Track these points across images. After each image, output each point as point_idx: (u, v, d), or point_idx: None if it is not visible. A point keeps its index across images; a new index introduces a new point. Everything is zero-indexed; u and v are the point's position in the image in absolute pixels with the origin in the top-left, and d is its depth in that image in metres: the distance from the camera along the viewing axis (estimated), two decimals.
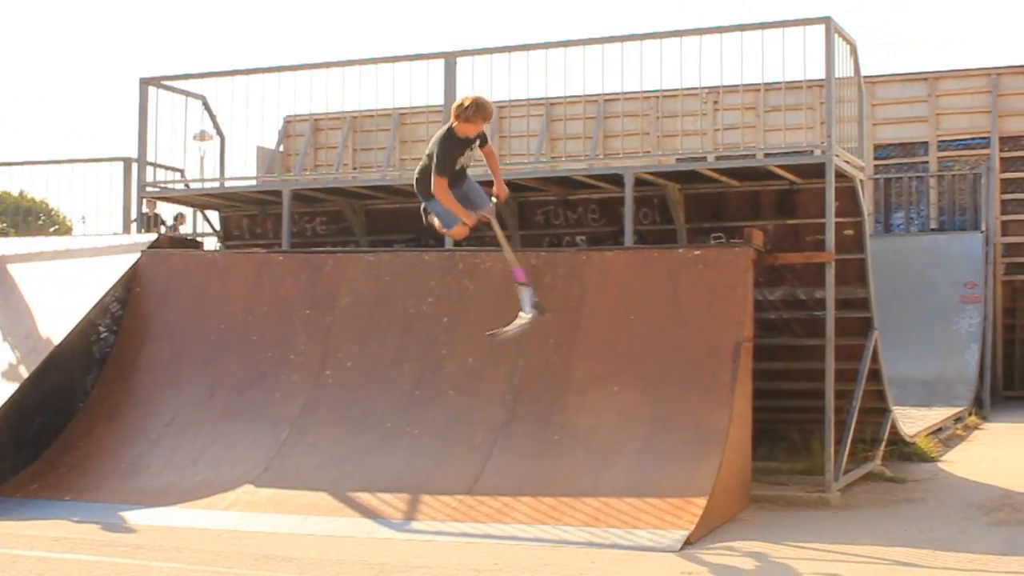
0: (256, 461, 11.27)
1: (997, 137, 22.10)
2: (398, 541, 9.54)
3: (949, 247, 21.32)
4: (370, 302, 12.21)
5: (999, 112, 22.12)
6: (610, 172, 13.06)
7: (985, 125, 22.25)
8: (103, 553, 8.92)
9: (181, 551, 9.02)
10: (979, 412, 18.92)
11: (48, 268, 13.96)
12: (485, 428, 10.96)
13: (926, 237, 21.97)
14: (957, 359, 20.04)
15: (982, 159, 22.18)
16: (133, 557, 8.79)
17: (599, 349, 11.19)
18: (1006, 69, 22.39)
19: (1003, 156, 22.11)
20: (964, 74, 22.74)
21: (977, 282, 20.72)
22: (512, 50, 12.94)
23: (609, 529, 9.54)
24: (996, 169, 21.98)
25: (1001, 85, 22.18)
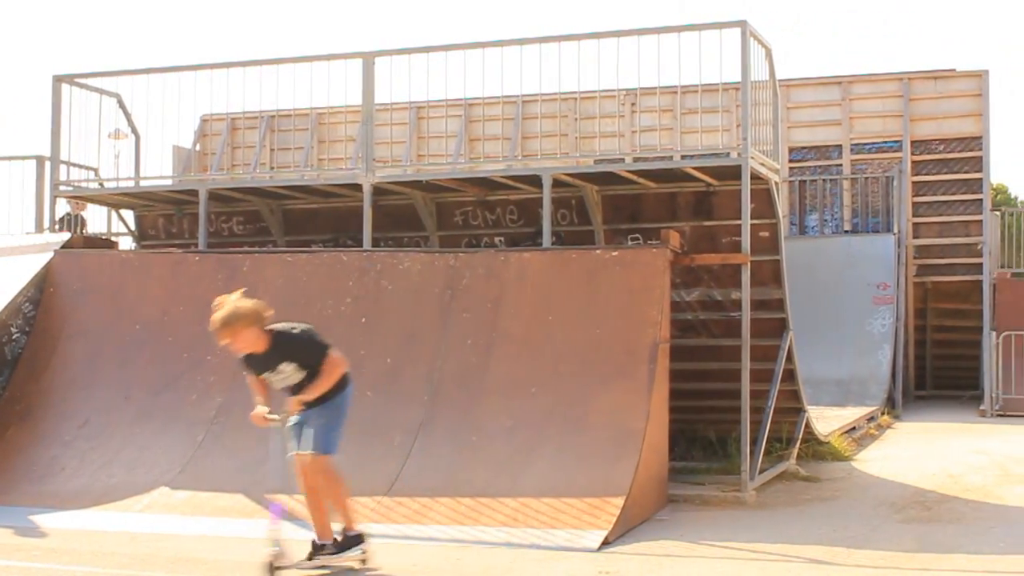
0: (172, 463, 11.17)
1: (909, 141, 22.43)
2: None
3: (862, 249, 21.62)
4: (287, 303, 12.11)
5: (911, 116, 22.45)
6: (528, 173, 13.10)
7: (897, 129, 22.57)
8: (16, 557, 8.80)
9: (96, 554, 8.93)
10: (891, 412, 19.19)
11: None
12: (403, 429, 10.95)
13: (840, 239, 22.25)
14: (870, 359, 20.32)
15: (894, 162, 22.50)
16: (47, 561, 8.68)
17: (517, 350, 11.21)
18: (917, 74, 22.73)
19: (915, 159, 22.44)
20: (876, 79, 23.04)
21: (890, 283, 21.03)
22: (431, 50, 12.93)
23: (527, 529, 9.57)
24: (908, 172, 22.31)
25: (912, 90, 22.52)
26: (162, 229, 15.44)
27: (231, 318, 8.38)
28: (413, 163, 14.74)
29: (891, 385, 20.08)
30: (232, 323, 8.37)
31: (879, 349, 20.43)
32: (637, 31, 12.03)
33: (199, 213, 13.80)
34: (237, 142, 16.41)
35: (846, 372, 20.06)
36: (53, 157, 14.56)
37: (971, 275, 22.11)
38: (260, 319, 8.53)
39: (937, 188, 22.39)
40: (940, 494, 11.68)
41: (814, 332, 19.28)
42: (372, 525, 9.85)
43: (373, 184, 12.98)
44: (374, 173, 13.04)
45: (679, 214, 12.77)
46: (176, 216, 15.27)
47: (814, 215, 22.91)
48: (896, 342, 20.65)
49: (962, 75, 22.52)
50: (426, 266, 11.86)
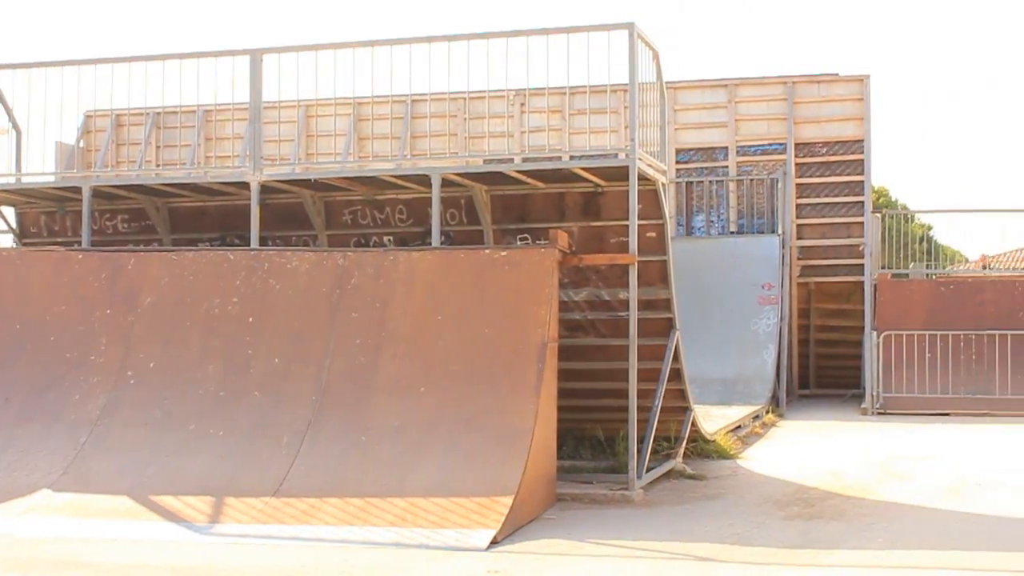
0: (54, 465, 10.98)
1: (793, 143, 22.80)
2: (202, 544, 9.40)
3: (747, 250, 21.93)
4: (173, 302, 12.01)
5: (795, 119, 22.82)
6: (417, 173, 13.09)
7: (782, 132, 22.93)
8: None
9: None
10: (776, 410, 19.48)
11: None
12: (291, 429, 10.89)
13: (726, 240, 22.55)
14: (755, 359, 20.62)
15: (779, 164, 22.86)
16: None
17: (406, 349, 11.21)
18: (801, 78, 23.12)
19: (798, 162, 22.82)
20: (762, 82, 23.39)
21: (774, 284, 21.36)
22: (319, 48, 12.86)
23: (416, 529, 9.57)
24: (792, 174, 22.68)
25: (796, 93, 22.89)
26: (44, 227, 15.16)
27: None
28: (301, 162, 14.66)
29: (776, 384, 20.40)
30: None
31: (764, 349, 20.73)
32: (526, 32, 12.08)
33: (83, 211, 13.57)
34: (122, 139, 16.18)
35: (732, 371, 20.33)
36: None
37: (853, 276, 22.56)
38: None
39: (820, 190, 22.79)
40: (823, 491, 11.89)
41: (700, 332, 19.53)
42: (259, 526, 9.79)
43: (261, 182, 12.87)
44: (262, 171, 12.94)
45: (567, 214, 12.85)
46: (59, 214, 15.00)
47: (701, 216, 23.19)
48: (780, 342, 20.98)
49: (844, 79, 22.96)
50: (314, 265, 11.80)
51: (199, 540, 9.56)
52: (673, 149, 22.70)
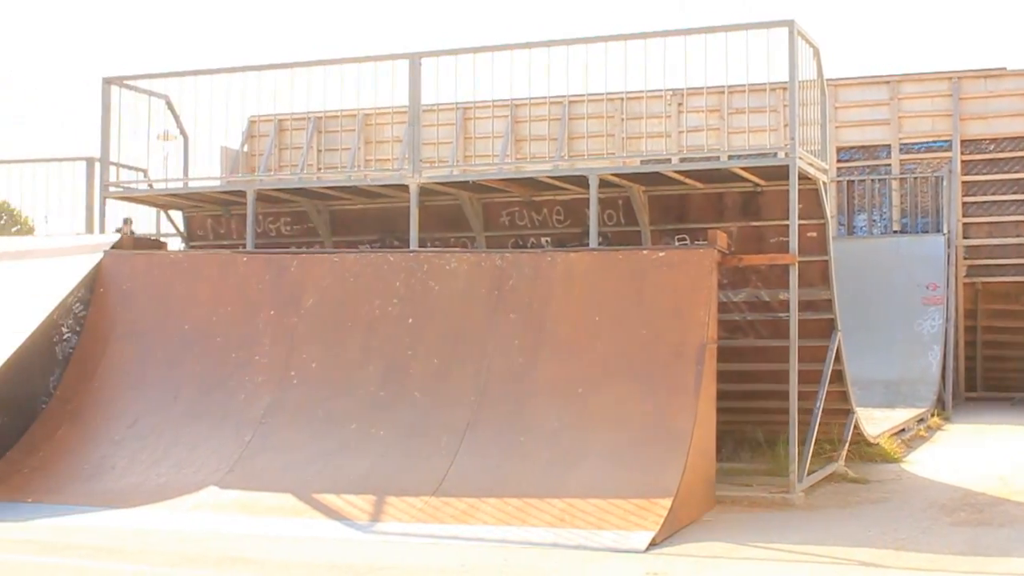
0: (220, 463, 11.23)
1: (959, 140, 22.26)
2: (364, 543, 9.53)
3: (911, 249, 21.46)
4: (335, 303, 12.18)
5: (960, 116, 22.27)
6: (575, 174, 13.08)
7: (947, 128, 22.40)
8: (66, 555, 8.88)
9: (144, 553, 8.98)
10: (941, 413, 19.03)
11: (10, 268, 13.86)
12: (450, 429, 10.96)
13: (889, 239, 22.10)
14: (920, 360, 20.16)
15: (944, 162, 22.33)
16: (97, 559, 8.75)
17: (564, 351, 11.20)
18: (967, 73, 22.56)
19: (964, 159, 22.27)
20: (925, 78, 22.88)
21: (939, 284, 20.86)
22: (477, 51, 12.94)
23: (574, 530, 9.56)
24: (958, 172, 22.14)
25: (962, 89, 22.34)
26: (210, 230, 15.52)
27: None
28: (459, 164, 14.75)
29: (941, 386, 19.92)
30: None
31: (929, 350, 20.27)
32: (684, 31, 12.00)
33: (247, 214, 13.86)
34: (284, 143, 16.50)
35: (895, 373, 19.91)
36: (103, 158, 14.67)
37: (1022, 276, 21.92)
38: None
39: (988, 188, 22.21)
40: (991, 496, 11.57)
41: (863, 333, 19.16)
42: (419, 525, 9.88)
43: (420, 184, 13.00)
44: (421, 174, 13.06)
45: (726, 214, 12.72)
46: (224, 217, 15.34)
47: (863, 215, 22.78)
48: (946, 343, 20.49)
49: (1013, 74, 22.32)
50: (473, 267, 11.87)
51: (360, 538, 9.69)
52: (834, 147, 22.33)
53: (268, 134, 20.58)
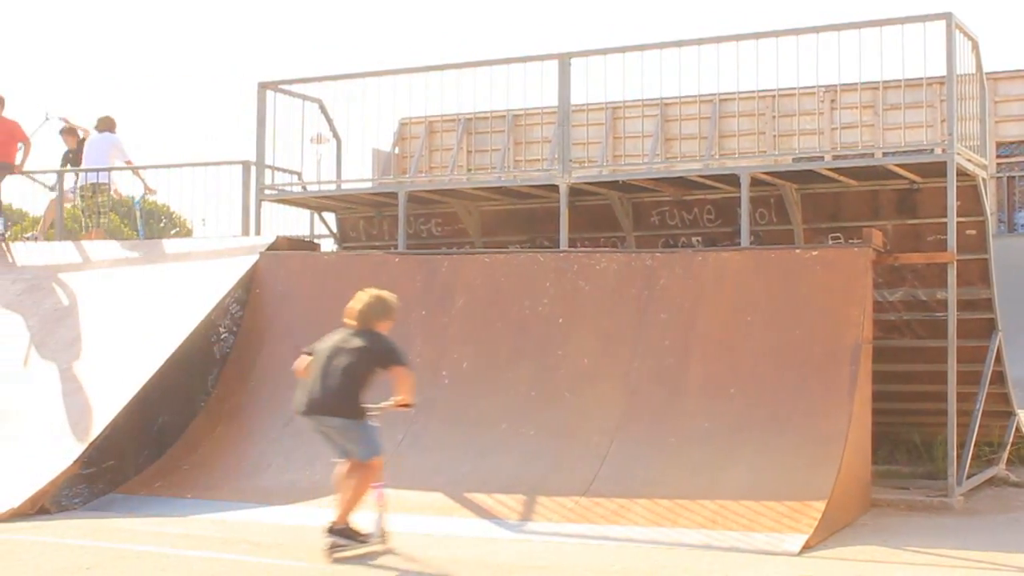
0: None
1: None
2: (515, 542, 9.56)
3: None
4: (486, 303, 12.24)
5: None
6: (726, 172, 12.97)
7: None
8: (225, 550, 9.06)
9: (300, 549, 9.13)
10: None
11: (170, 270, 14.21)
12: (600, 430, 10.94)
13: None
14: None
15: None
16: (255, 555, 8.91)
17: (715, 351, 11.10)
18: None
19: None
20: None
21: None
22: (626, 50, 12.90)
23: (726, 532, 9.47)
24: None
25: None
26: (363, 231, 15.72)
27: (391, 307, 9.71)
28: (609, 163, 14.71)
29: None
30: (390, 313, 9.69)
31: None
32: (837, 26, 11.81)
33: (399, 215, 14.01)
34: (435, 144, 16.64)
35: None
36: (258, 162, 14.96)
37: None
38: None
39: None
40: None
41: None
42: (570, 525, 9.88)
43: (569, 185, 13.00)
44: (570, 174, 13.06)
45: (881, 212, 12.49)
46: (376, 218, 15.52)
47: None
48: None
49: None
50: (623, 266, 11.83)
51: (511, 537, 9.72)
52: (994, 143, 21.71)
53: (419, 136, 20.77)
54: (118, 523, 10.29)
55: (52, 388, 12.51)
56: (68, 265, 14.86)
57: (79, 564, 8.47)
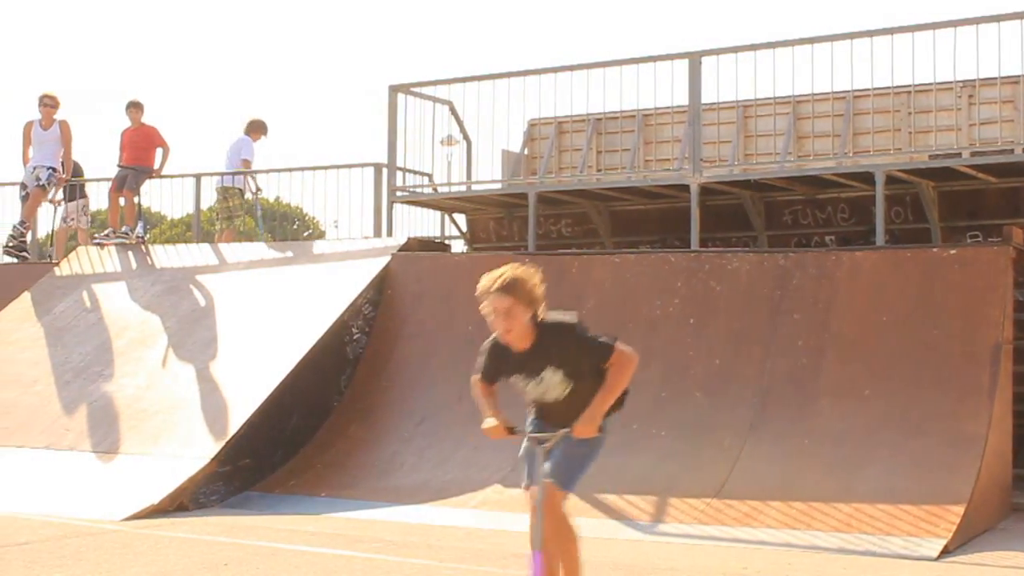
0: (503, 461, 11.36)
1: None
2: (645, 543, 9.51)
3: None
4: (616, 304, 12.20)
5: None
6: (860, 170, 12.77)
7: None
8: (357, 548, 9.15)
9: (432, 548, 9.18)
10: None
11: (303, 272, 14.41)
12: (732, 430, 10.83)
13: None
14: None
15: None
16: (386, 553, 8.99)
17: (849, 351, 10.93)
18: None
19: None
20: None
21: None
22: (757, 48, 12.78)
23: (861, 535, 9.31)
24: None
25: None
26: (492, 232, 15.78)
27: (518, 284, 6.39)
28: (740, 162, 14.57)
29: None
30: (517, 291, 6.37)
31: None
32: (974, 19, 11.56)
33: (528, 216, 14.03)
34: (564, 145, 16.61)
35: None
36: (390, 164, 15.10)
37: None
38: (539, 304, 6.45)
39: None
40: None
41: None
42: (701, 527, 9.80)
43: (700, 184, 12.91)
44: (701, 173, 12.97)
45: (1022, 209, 12.19)
46: (506, 219, 15.57)
47: None
48: None
49: None
50: (755, 266, 11.70)
51: (642, 538, 9.67)
52: None
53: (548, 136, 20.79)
54: (253, 520, 10.45)
55: (190, 388, 12.76)
56: (205, 267, 15.16)
57: (216, 560, 8.61)
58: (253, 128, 17.69)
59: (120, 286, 15.27)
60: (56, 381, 13.52)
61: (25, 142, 17.28)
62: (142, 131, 17.10)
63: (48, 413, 12.97)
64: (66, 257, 16.40)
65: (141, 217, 16.98)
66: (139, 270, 15.60)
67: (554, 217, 15.24)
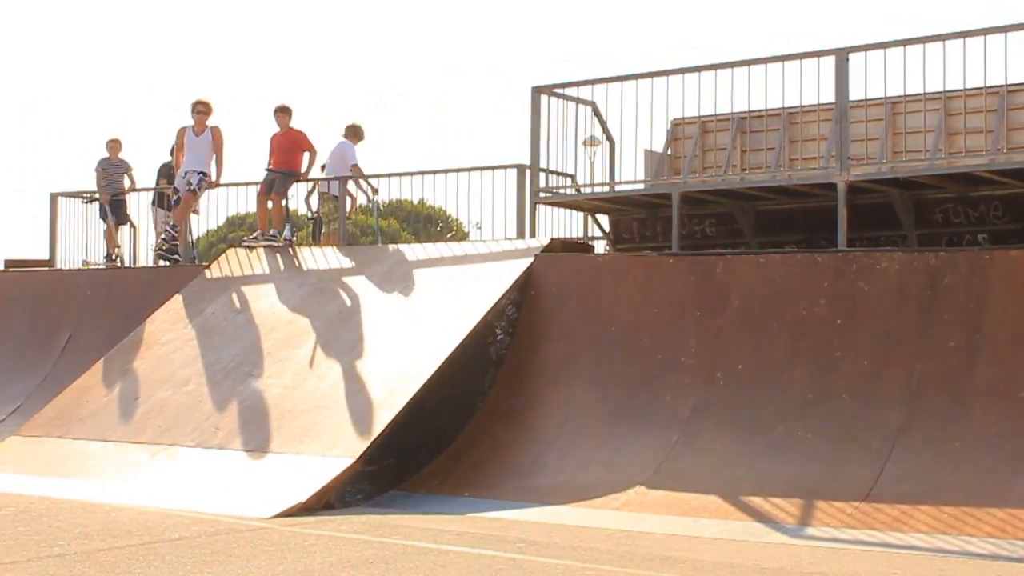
0: (647, 463, 11.32)
1: None
2: (792, 546, 9.37)
3: None
4: (761, 304, 12.06)
5: None
6: (1015, 167, 12.44)
7: None
8: (501, 548, 9.17)
9: (575, 549, 9.16)
10: None
11: (446, 273, 14.51)
12: (881, 433, 10.63)
13: None
14: None
15: None
16: (529, 553, 8.99)
17: (1003, 352, 10.64)
18: None
19: None
20: None
21: None
22: (907, 43, 12.54)
23: (1016, 541, 9.07)
24: None
25: None
26: (636, 232, 15.72)
27: None
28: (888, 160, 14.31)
29: None
30: None
31: None
32: None
33: (672, 216, 13.94)
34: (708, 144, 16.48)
35: None
36: (533, 165, 15.13)
37: None
38: None
39: None
40: None
41: None
42: (848, 531, 9.64)
43: (847, 183, 12.70)
44: (849, 171, 12.76)
45: None
46: (649, 220, 15.50)
47: None
48: None
49: None
50: (904, 266, 11.46)
51: (789, 542, 9.54)
52: None
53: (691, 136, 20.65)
54: (398, 519, 10.54)
55: (336, 388, 12.92)
56: (350, 269, 15.35)
57: (362, 558, 8.70)
58: (353, 132, 17.95)
59: (268, 288, 15.54)
60: (207, 381, 13.80)
61: (178, 147, 17.70)
62: (289, 135, 17.39)
63: (199, 412, 13.25)
64: (216, 260, 16.74)
65: (289, 220, 17.26)
66: (286, 272, 15.86)
67: (698, 217, 15.13)
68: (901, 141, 17.50)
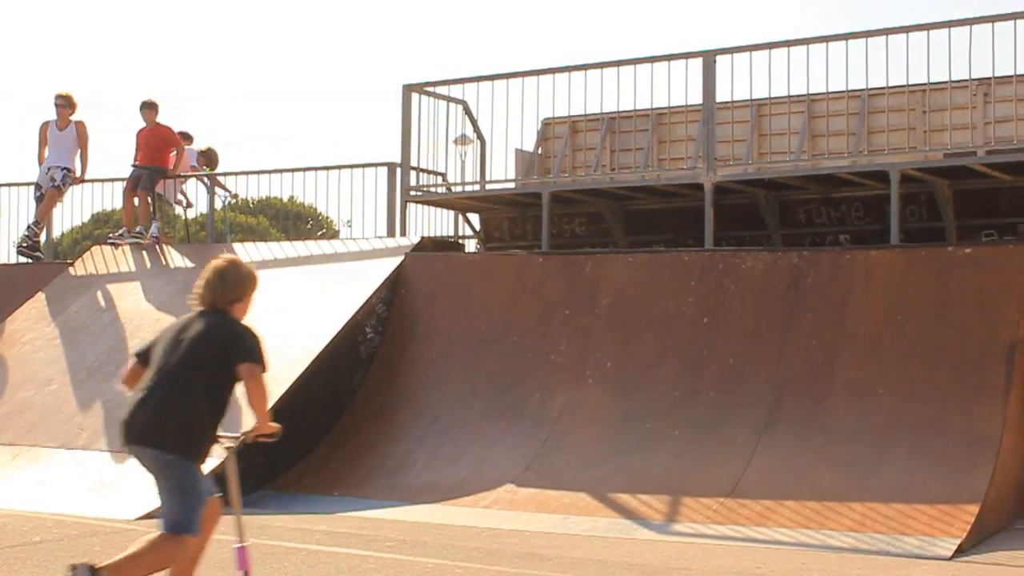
0: (517, 461, 11.37)
1: None
2: (659, 543, 9.49)
3: None
4: (630, 302, 12.18)
5: None
6: (875, 169, 12.73)
7: None
8: (370, 547, 9.14)
9: (445, 547, 9.17)
10: None
11: (316, 271, 14.40)
12: (746, 429, 10.81)
13: None
14: None
15: None
16: (399, 552, 8.98)
17: (864, 351, 10.89)
18: None
19: None
20: None
21: None
22: (772, 47, 12.75)
23: (875, 535, 9.28)
24: None
25: None
26: (507, 231, 15.76)
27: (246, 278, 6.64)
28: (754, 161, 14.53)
29: None
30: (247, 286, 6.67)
31: None
32: (991, 18, 11.51)
33: (542, 215, 14.01)
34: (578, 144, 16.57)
35: None
36: (403, 163, 15.07)
37: None
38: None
39: None
40: None
41: None
42: (714, 526, 9.78)
43: (714, 183, 12.88)
44: (715, 172, 12.94)
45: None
46: (520, 219, 15.55)
47: None
48: None
49: None
50: (769, 265, 11.67)
51: (656, 538, 9.65)
52: None
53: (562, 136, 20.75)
54: (267, 519, 10.44)
55: None
56: None
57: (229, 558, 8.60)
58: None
59: (134, 286, 15.28)
60: (71, 380, 13.54)
61: (41, 142, 17.29)
62: (157, 131, 17.10)
63: (62, 412, 12.99)
64: (80, 257, 16.42)
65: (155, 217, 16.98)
66: (153, 270, 15.61)
67: (568, 216, 15.22)
68: (766, 143, 17.81)
